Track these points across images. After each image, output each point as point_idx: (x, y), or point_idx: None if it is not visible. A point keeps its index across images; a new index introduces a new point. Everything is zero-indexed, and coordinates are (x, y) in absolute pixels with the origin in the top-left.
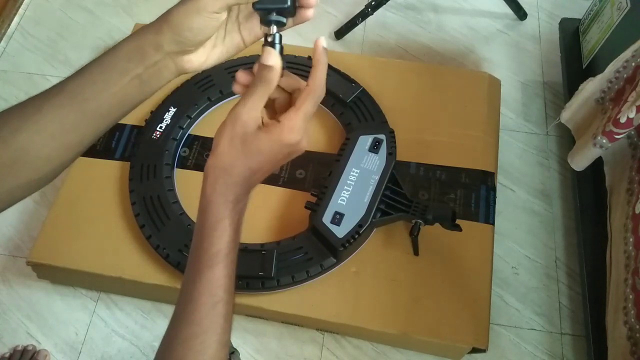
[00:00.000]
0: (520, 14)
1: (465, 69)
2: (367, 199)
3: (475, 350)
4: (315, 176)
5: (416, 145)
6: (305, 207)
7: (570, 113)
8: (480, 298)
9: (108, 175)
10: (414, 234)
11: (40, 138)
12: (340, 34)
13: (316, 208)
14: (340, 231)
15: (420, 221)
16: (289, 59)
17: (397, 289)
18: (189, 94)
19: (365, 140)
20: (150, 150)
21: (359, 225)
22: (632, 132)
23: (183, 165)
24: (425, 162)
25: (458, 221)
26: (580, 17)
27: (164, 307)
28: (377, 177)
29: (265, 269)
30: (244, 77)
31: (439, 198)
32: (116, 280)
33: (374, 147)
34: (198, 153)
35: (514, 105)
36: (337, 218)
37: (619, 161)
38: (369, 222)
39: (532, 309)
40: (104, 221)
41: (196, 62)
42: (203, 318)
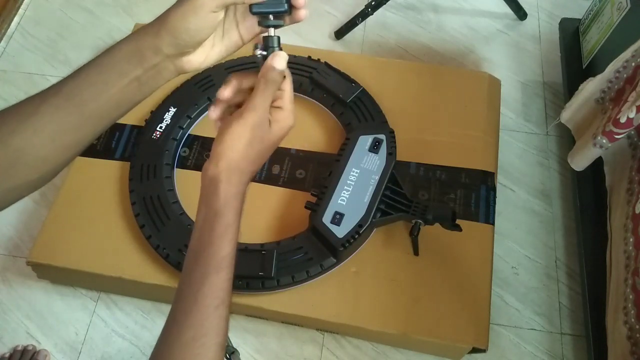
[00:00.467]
0: (520, 14)
1: (465, 69)
2: (367, 199)
3: (475, 350)
4: (315, 176)
5: (416, 145)
6: (305, 207)
7: (570, 113)
8: (480, 298)
9: (108, 175)
10: (414, 234)
11: (38, 139)
12: (340, 34)
13: (316, 208)
14: (340, 231)
15: (420, 221)
16: (289, 59)
17: (397, 289)
18: (189, 94)
19: (365, 140)
20: (150, 150)
21: (359, 225)
22: (632, 132)
23: (183, 165)
24: (425, 162)
25: (458, 221)
26: (580, 17)
27: (164, 307)
28: (377, 177)
29: (265, 269)
30: (228, 92)
31: (439, 198)
32: (116, 280)
33: (374, 147)
34: (198, 153)
35: (514, 105)
36: (337, 218)
37: (619, 161)
38: (369, 222)
39: (532, 309)
40: (104, 221)
41: (195, 62)
42: (204, 321)
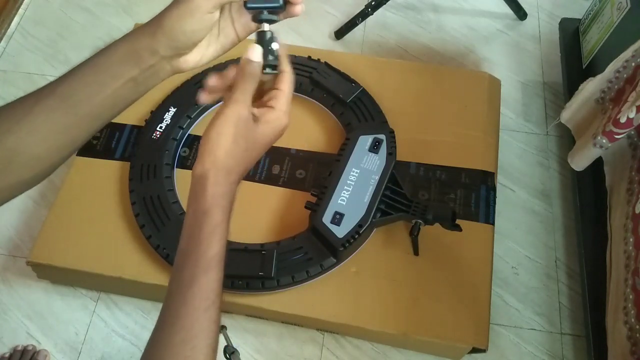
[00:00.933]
0: (520, 14)
1: (465, 69)
2: (367, 199)
3: (475, 350)
4: (315, 176)
5: (416, 145)
6: (305, 207)
7: (570, 113)
8: (480, 298)
9: (108, 175)
10: (414, 234)
11: (32, 139)
12: (340, 34)
13: (316, 208)
14: (340, 231)
15: (420, 221)
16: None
17: (397, 289)
18: (189, 94)
19: (365, 140)
20: (150, 150)
21: (359, 225)
22: (632, 132)
23: (183, 165)
24: (425, 162)
25: (458, 221)
26: (580, 17)
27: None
28: (377, 177)
29: (265, 269)
30: (216, 81)
31: (439, 198)
32: (116, 280)
33: (374, 147)
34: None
35: (514, 105)
36: (337, 218)
37: (619, 161)
38: (369, 222)
39: (532, 309)
40: (104, 221)
41: (191, 61)
42: (194, 323)
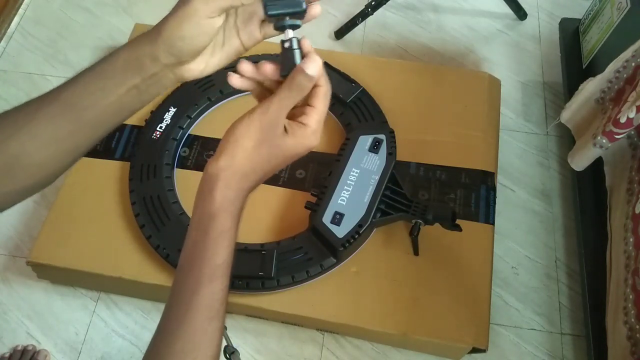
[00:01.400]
0: (520, 14)
1: (465, 69)
2: (367, 199)
3: (475, 350)
4: (315, 176)
5: (416, 145)
6: (305, 207)
7: (570, 113)
8: (480, 298)
9: (108, 175)
10: (414, 234)
11: (35, 146)
12: (340, 34)
13: (316, 208)
14: (340, 231)
15: (420, 221)
16: None
17: (397, 289)
18: (189, 94)
19: (365, 140)
20: (150, 150)
21: (359, 225)
22: (632, 132)
23: (183, 165)
24: (425, 162)
25: (458, 221)
26: (580, 17)
27: (163, 307)
28: (377, 177)
29: (265, 269)
30: (249, 69)
31: (439, 198)
32: (116, 280)
33: (374, 147)
34: (198, 153)
35: (514, 105)
36: (337, 218)
37: (619, 161)
38: (369, 222)
39: (532, 309)
40: (104, 221)
41: (195, 70)
42: (197, 332)
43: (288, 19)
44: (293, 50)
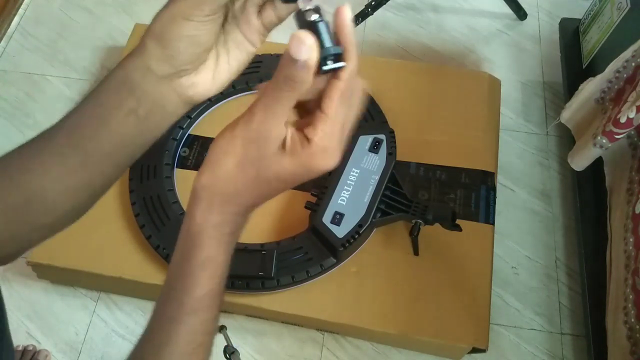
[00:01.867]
0: (520, 14)
1: (465, 69)
2: (367, 199)
3: (475, 350)
4: None
5: (416, 145)
6: (305, 207)
7: (570, 113)
8: (480, 298)
9: None
10: (414, 234)
11: (46, 179)
12: None
13: (316, 208)
14: (340, 231)
15: (420, 221)
16: None
17: (397, 289)
18: None
19: (365, 140)
20: (150, 150)
21: (359, 225)
22: (632, 132)
23: (183, 165)
24: (425, 162)
25: (458, 221)
26: (580, 17)
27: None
28: (377, 177)
29: (265, 269)
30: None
31: (439, 198)
32: (116, 280)
33: (374, 147)
34: (198, 153)
35: (514, 105)
36: (337, 218)
37: (619, 161)
38: (369, 222)
39: (532, 309)
40: (104, 221)
41: (202, 84)
42: None
43: None
44: (317, 24)
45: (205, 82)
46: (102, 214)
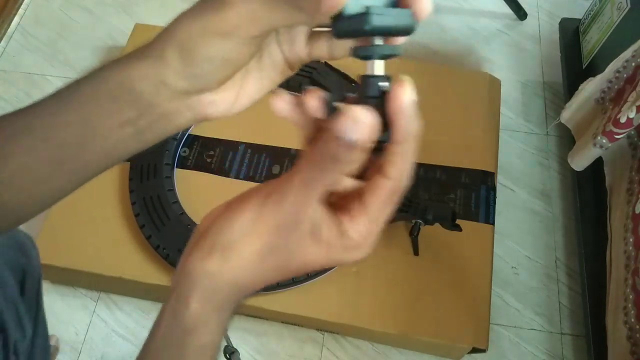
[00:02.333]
0: (520, 14)
1: (465, 69)
2: None
3: (475, 350)
4: None
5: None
6: None
7: (570, 113)
8: (480, 298)
9: (108, 176)
10: (414, 234)
11: (7, 193)
12: None
13: None
14: None
15: (420, 221)
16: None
17: (397, 289)
18: None
19: None
20: (150, 150)
21: None
22: (632, 132)
23: (183, 165)
24: (425, 162)
25: (458, 221)
26: (580, 17)
27: None
28: None
29: None
30: (287, 103)
31: (439, 198)
32: (116, 280)
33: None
34: (198, 153)
35: (514, 105)
36: None
37: (619, 161)
38: None
39: (532, 309)
40: (104, 221)
41: (222, 104)
42: None
43: (380, 41)
44: (380, 97)
45: (227, 101)
46: (102, 214)
